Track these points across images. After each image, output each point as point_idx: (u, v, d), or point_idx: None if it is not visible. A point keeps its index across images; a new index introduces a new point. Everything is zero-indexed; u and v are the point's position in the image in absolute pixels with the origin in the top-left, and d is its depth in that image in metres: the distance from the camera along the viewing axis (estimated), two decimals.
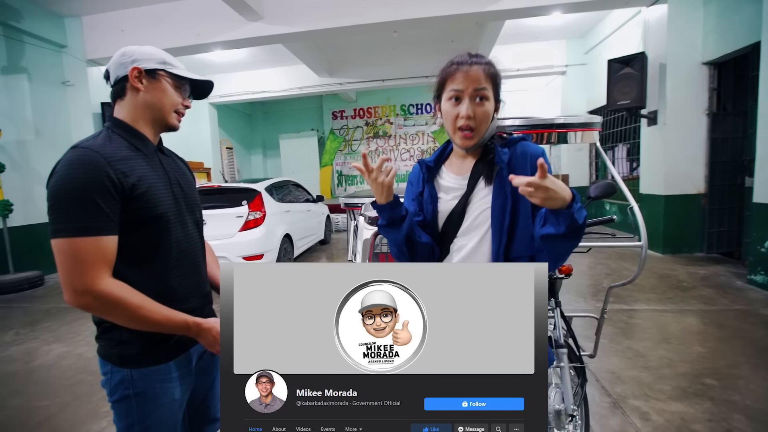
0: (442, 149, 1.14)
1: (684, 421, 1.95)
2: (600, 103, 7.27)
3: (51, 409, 2.30)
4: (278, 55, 7.98)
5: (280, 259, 4.85)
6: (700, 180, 5.17)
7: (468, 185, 1.04)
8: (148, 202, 0.95)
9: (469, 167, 1.05)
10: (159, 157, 1.06)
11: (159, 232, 0.98)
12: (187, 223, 1.07)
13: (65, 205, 0.85)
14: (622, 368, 2.49)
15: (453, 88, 0.97)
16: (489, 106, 0.98)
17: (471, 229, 1.03)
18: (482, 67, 0.97)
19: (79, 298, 0.86)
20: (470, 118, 0.96)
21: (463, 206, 1.03)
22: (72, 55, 6.06)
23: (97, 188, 0.86)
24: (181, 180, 1.09)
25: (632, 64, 5.18)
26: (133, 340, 0.96)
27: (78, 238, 0.84)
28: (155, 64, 1.00)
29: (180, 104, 1.06)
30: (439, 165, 1.13)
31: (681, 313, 3.34)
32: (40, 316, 4.01)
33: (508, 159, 0.99)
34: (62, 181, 0.85)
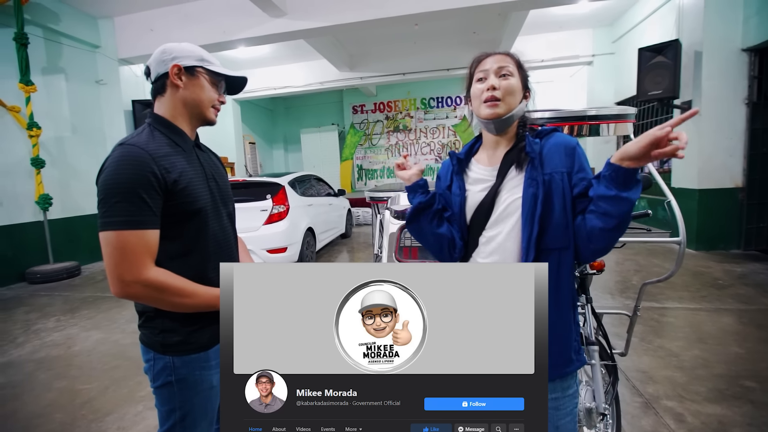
0: (472, 143, 1.15)
1: (722, 425, 1.88)
2: (628, 93, 7.00)
3: (92, 392, 2.42)
4: (300, 50, 8.04)
5: (303, 252, 4.93)
6: (738, 173, 4.92)
7: (498, 175, 1.03)
8: (188, 196, 0.98)
9: (498, 159, 1.05)
10: (196, 152, 1.09)
11: (197, 226, 1.02)
12: (222, 216, 1.10)
13: (113, 200, 0.88)
14: (654, 368, 2.42)
15: (480, 70, 1.02)
16: (514, 81, 0.99)
17: (500, 219, 1.02)
18: (508, 55, 1.03)
19: (127, 288, 0.90)
20: (494, 89, 0.98)
21: (493, 197, 1.02)
22: (105, 55, 6.29)
23: (143, 184, 0.90)
24: (216, 174, 1.12)
25: (665, 52, 4.95)
26: (175, 329, 1.00)
27: (125, 231, 0.88)
28: (194, 61, 1.02)
29: (216, 100, 1.08)
30: (469, 158, 1.13)
31: (717, 312, 3.21)
32: (78, 303, 4.22)
33: (540, 149, 0.98)
34: (111, 177, 0.90)
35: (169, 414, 1.03)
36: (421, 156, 11.72)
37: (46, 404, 2.32)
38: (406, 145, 11.80)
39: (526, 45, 7.93)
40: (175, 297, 0.93)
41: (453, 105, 11.35)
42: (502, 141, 1.05)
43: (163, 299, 0.93)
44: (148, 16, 6.15)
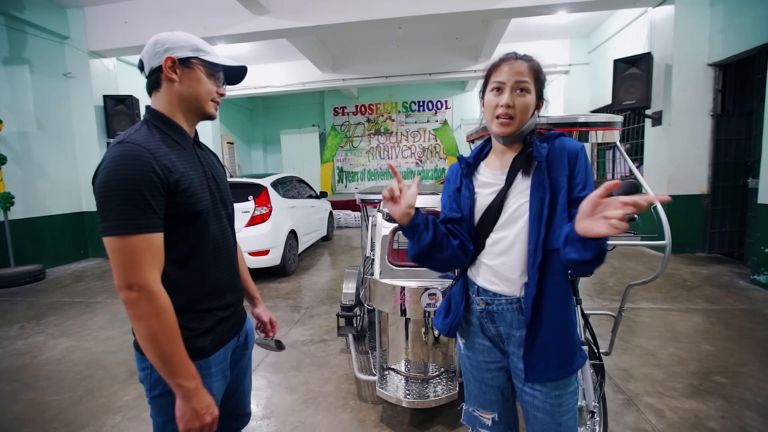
0: (481, 147, 1.16)
1: (698, 419, 1.97)
2: (603, 102, 7.29)
3: (63, 404, 2.28)
4: (282, 49, 7.93)
5: (285, 255, 4.84)
6: (704, 180, 5.21)
7: (506, 180, 1.04)
8: (189, 198, 0.93)
9: (506, 163, 1.07)
10: (196, 150, 1.04)
11: (198, 228, 0.97)
12: (222, 217, 1.07)
13: (114, 202, 0.82)
14: (633, 366, 2.51)
15: (496, 80, 1.01)
16: (530, 98, 1.00)
17: (508, 223, 1.04)
18: (527, 63, 1.01)
19: (131, 294, 0.83)
20: (509, 107, 0.98)
21: (501, 201, 1.04)
22: (74, 47, 5.99)
23: (146, 184, 0.84)
24: (215, 174, 1.08)
25: (638, 64, 5.19)
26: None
27: (131, 235, 0.82)
28: (188, 51, 0.96)
29: (215, 92, 1.03)
30: (478, 162, 1.14)
31: (687, 312, 3.38)
32: (44, 309, 3.98)
33: (546, 153, 1.00)
34: (110, 177, 0.83)
35: (165, 425, 0.98)
36: (402, 159, 11.78)
37: (13, 418, 2.17)
38: (387, 148, 11.83)
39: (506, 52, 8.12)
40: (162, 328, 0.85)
41: (434, 109, 11.49)
42: (511, 146, 1.07)
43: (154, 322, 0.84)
44: (122, 8, 5.90)
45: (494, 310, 1.06)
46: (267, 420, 2.10)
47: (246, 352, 1.18)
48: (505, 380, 1.13)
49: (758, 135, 4.17)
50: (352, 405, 2.20)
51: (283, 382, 2.48)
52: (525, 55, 1.02)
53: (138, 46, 6.05)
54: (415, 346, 2.13)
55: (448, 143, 11.41)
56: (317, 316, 3.62)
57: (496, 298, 1.06)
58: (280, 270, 4.88)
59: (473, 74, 8.65)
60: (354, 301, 2.76)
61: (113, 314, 3.77)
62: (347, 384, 2.42)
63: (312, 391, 2.36)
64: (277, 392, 2.37)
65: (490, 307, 1.07)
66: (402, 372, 2.13)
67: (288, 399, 2.29)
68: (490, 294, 1.06)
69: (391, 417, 2.07)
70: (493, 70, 1.03)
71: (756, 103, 4.36)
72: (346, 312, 2.73)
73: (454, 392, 1.95)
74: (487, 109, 1.04)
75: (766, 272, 3.87)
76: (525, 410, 1.08)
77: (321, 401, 2.25)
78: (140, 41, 5.93)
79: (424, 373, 2.11)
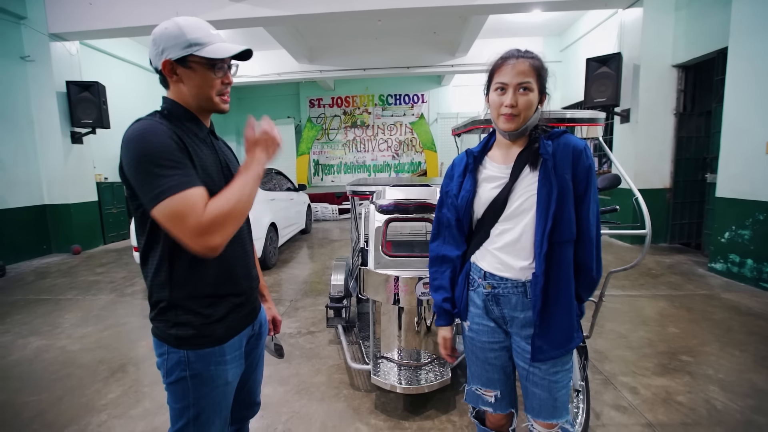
0: (486, 141, 1.20)
1: (668, 394, 2.14)
2: (575, 99, 7.59)
3: (41, 404, 2.18)
4: (257, 39, 7.71)
5: (266, 248, 4.77)
6: (666, 175, 5.55)
7: (512, 174, 1.09)
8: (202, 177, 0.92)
9: (511, 158, 1.11)
10: (211, 139, 1.05)
11: None
12: None
13: (155, 170, 0.82)
14: (608, 348, 2.68)
15: (499, 81, 1.05)
16: (533, 96, 1.04)
17: (515, 215, 1.09)
18: (529, 61, 1.03)
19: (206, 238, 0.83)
20: (513, 107, 1.03)
21: (507, 194, 1.09)
22: (32, 28, 5.58)
23: (174, 150, 0.86)
24: (230, 164, 1.08)
25: (609, 63, 5.43)
26: (189, 322, 0.96)
27: (179, 194, 0.82)
28: (181, 50, 0.91)
29: (220, 85, 0.98)
30: (483, 155, 1.18)
31: (654, 297, 3.62)
32: (7, 308, 3.75)
33: (553, 151, 1.05)
34: (142, 149, 0.84)
35: (182, 412, 0.98)
36: (379, 152, 11.79)
37: None
38: (363, 141, 11.80)
39: (482, 48, 8.27)
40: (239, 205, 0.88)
41: (411, 103, 11.53)
42: (516, 141, 1.11)
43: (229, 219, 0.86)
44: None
45: (500, 294, 1.12)
46: (261, 411, 2.08)
47: (260, 343, 1.19)
48: (507, 359, 1.19)
49: (716, 133, 4.48)
50: (346, 394, 2.23)
51: (273, 374, 2.47)
52: (527, 52, 1.05)
53: (104, 30, 5.72)
54: (407, 335, 2.18)
55: (424, 137, 11.51)
56: (302, 308, 3.61)
57: (503, 282, 1.11)
58: (261, 263, 4.80)
59: (450, 69, 8.75)
60: (343, 293, 2.78)
61: (86, 311, 3.61)
62: (339, 374, 2.44)
63: (304, 382, 2.37)
64: (269, 384, 2.36)
65: (496, 290, 1.12)
66: (395, 360, 2.18)
67: (280, 391, 2.29)
68: (497, 278, 1.12)
69: (385, 404, 2.12)
70: (496, 70, 1.06)
71: (715, 103, 4.68)
72: (335, 303, 2.75)
73: (447, 378, 2.02)
74: (492, 108, 1.08)
75: (721, 260, 4.19)
76: (524, 387, 1.16)
77: (314, 391, 2.27)
78: (106, 24, 5.60)
79: (417, 361, 2.17)
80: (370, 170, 11.91)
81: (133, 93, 7.83)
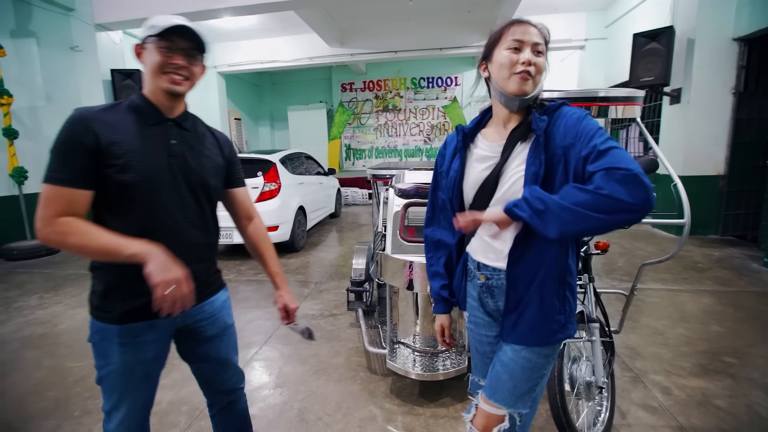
0: (480, 117, 1.10)
1: (705, 397, 1.99)
2: (620, 79, 7.06)
3: (84, 371, 2.37)
4: (288, 23, 7.73)
5: (294, 231, 4.88)
6: (721, 161, 5.08)
7: (503, 153, 0.99)
8: (123, 167, 0.96)
9: (505, 135, 1.01)
10: (168, 127, 1.05)
11: (137, 203, 0.99)
12: (182, 199, 1.05)
13: (50, 157, 0.94)
14: (641, 345, 2.53)
15: (515, 38, 0.95)
16: (544, 61, 0.97)
17: (506, 198, 0.98)
18: (539, 29, 0.98)
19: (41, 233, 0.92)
20: (531, 64, 0.94)
21: (497, 176, 0.99)
22: (80, 19, 5.89)
23: (73, 145, 0.93)
24: (189, 154, 1.07)
25: (659, 38, 4.98)
26: (96, 292, 1.04)
27: (49, 185, 0.93)
28: (145, 33, 1.00)
29: (165, 63, 0.99)
30: (476, 132, 1.09)
31: (697, 293, 3.36)
32: (60, 281, 4.08)
33: (546, 126, 0.94)
34: (56, 136, 0.95)
35: (99, 369, 1.08)
36: (410, 137, 11.63)
37: (37, 382, 2.26)
38: (395, 125, 11.67)
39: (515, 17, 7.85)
40: (75, 237, 0.92)
41: (443, 86, 11.23)
42: (513, 116, 1.01)
43: (65, 242, 0.92)
44: None
45: (494, 285, 1.05)
46: (280, 389, 2.17)
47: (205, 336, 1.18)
48: None
49: None
50: (362, 377, 2.25)
51: (294, 353, 2.54)
52: (534, 21, 0.99)
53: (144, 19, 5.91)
54: (425, 321, 2.16)
55: (457, 121, 11.20)
56: (326, 291, 3.67)
57: (496, 273, 1.04)
58: (289, 246, 4.93)
59: None
60: (364, 277, 2.79)
61: None
62: (357, 357, 2.47)
63: (322, 363, 2.41)
64: (289, 363, 2.43)
65: (490, 281, 1.05)
66: (411, 346, 2.17)
67: (299, 369, 2.35)
68: (490, 269, 1.05)
69: (400, 389, 2.12)
70: (506, 30, 0.97)
71: None
72: (356, 287, 2.76)
73: (463, 366, 1.98)
74: (501, 68, 0.96)
75: None
76: (492, 365, 1.08)
77: (332, 372, 2.31)
78: (146, 14, 5.80)
79: (434, 348, 2.14)
80: (402, 155, 11.80)
81: None
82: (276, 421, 1.91)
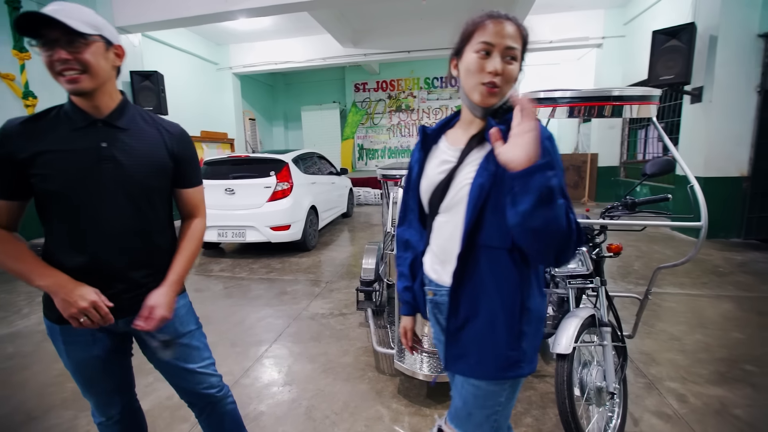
0: (449, 118, 1.03)
1: (723, 406, 1.93)
2: (638, 78, 6.90)
3: None
4: (302, 23, 7.80)
5: (306, 230, 4.91)
6: (744, 162, 4.91)
7: (459, 158, 0.93)
8: (45, 177, 0.96)
9: (466, 140, 0.94)
10: (97, 129, 1.00)
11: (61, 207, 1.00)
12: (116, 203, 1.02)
13: None
14: (656, 350, 2.46)
15: (484, 40, 0.84)
16: (516, 67, 0.87)
17: (452, 205, 0.93)
18: (516, 26, 0.86)
19: None
20: (498, 74, 0.84)
21: (449, 181, 0.93)
22: None
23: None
24: (123, 156, 1.02)
25: (679, 35, 4.84)
26: (44, 293, 1.03)
27: None
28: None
29: (49, 63, 0.91)
30: (441, 134, 1.03)
31: (717, 298, 3.26)
32: None
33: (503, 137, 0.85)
34: None
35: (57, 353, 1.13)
36: None
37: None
38: (408, 126, 11.65)
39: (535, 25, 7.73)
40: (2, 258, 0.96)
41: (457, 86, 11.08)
42: (477, 120, 0.93)
43: None
44: None
45: (439, 301, 0.98)
46: (288, 387, 2.19)
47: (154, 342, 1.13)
48: None
49: None
50: (370, 376, 2.26)
51: (303, 352, 2.56)
52: (514, 18, 0.88)
53: (162, 21, 6.06)
54: None
55: None
56: (337, 290, 3.69)
57: (439, 289, 0.98)
58: (301, 245, 4.97)
59: None
60: (373, 277, 2.79)
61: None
62: (366, 356, 2.48)
63: (331, 362, 2.43)
64: (298, 361, 2.45)
65: (436, 297, 0.99)
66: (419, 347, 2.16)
67: (308, 368, 2.37)
68: (434, 284, 0.99)
69: (408, 389, 2.12)
70: (478, 28, 0.86)
71: None
72: (365, 287, 2.76)
73: None
74: (468, 74, 0.87)
75: None
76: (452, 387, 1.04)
77: (340, 371, 2.32)
78: (163, 16, 5.94)
79: None
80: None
81: (188, 80, 8.30)
82: (284, 418, 1.93)
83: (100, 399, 1.18)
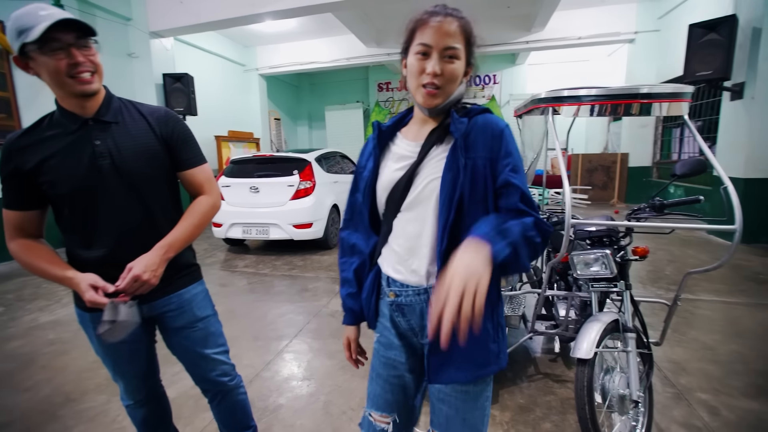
0: (403, 114, 1.02)
1: (760, 421, 1.82)
2: (673, 74, 6.59)
3: None
4: (326, 24, 7.90)
5: (328, 228, 4.98)
6: None
7: (420, 153, 0.91)
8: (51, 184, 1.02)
9: (425, 135, 0.93)
10: (89, 129, 1.02)
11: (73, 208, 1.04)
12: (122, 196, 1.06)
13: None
14: (687, 359, 2.35)
15: (422, 42, 0.84)
16: (459, 65, 0.86)
17: (417, 202, 0.91)
18: (457, 21, 0.85)
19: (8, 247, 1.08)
20: (437, 75, 0.83)
21: (410, 177, 0.91)
22: (136, 28, 6.34)
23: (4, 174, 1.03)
24: (117, 150, 1.04)
25: (718, 29, 4.60)
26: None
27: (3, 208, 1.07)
28: (16, 41, 0.90)
29: (65, 67, 0.91)
30: (396, 131, 1.00)
31: (756, 307, 3.07)
32: None
33: (466, 130, 0.87)
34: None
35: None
36: None
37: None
38: None
39: (563, 21, 7.53)
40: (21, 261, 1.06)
41: (481, 84, 11.00)
42: (434, 117, 0.93)
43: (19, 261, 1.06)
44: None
45: (403, 303, 0.96)
46: (307, 381, 2.23)
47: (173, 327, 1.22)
48: (411, 381, 1.01)
49: None
50: None
51: (323, 348, 2.60)
52: (456, 11, 0.86)
53: (192, 26, 6.30)
54: None
55: None
56: None
57: (404, 289, 0.95)
58: (323, 243, 5.04)
59: (525, 46, 8.12)
60: None
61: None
62: None
63: None
64: (317, 357, 2.50)
65: (399, 299, 0.96)
66: None
67: (327, 364, 2.41)
68: (398, 284, 0.95)
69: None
70: (418, 28, 0.85)
71: None
72: None
73: None
74: (410, 75, 0.88)
75: None
76: (431, 401, 0.99)
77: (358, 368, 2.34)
78: (194, 20, 6.16)
79: None
80: None
81: (216, 81, 8.57)
82: (302, 411, 1.97)
83: (128, 383, 1.26)
